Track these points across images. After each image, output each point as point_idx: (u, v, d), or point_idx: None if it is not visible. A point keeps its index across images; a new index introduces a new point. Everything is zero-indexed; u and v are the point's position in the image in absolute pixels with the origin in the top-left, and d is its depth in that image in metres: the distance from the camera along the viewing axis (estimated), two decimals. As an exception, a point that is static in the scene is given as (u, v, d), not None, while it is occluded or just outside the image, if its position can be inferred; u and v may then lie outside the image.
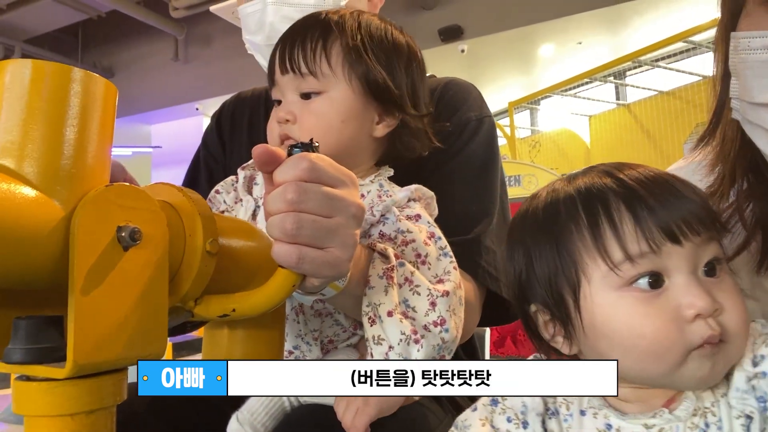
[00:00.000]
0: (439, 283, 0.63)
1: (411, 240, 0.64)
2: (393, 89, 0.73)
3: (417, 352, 0.59)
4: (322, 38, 0.72)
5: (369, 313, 0.60)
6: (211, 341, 0.54)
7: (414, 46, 0.78)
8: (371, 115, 0.73)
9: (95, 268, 0.38)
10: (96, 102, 0.40)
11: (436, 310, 0.60)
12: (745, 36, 0.54)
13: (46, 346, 0.38)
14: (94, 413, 0.39)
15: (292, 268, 0.48)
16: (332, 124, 0.70)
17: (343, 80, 0.71)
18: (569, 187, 0.54)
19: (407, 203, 0.69)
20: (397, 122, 0.74)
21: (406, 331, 0.59)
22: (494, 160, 0.87)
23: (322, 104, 0.71)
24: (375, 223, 0.66)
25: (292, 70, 0.72)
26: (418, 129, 0.76)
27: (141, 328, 0.40)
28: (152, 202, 0.42)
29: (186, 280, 0.45)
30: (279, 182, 0.48)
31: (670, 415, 0.48)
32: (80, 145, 0.39)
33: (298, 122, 0.71)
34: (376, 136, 0.74)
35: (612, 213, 0.49)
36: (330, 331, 0.71)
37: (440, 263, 0.64)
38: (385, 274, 0.61)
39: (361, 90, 0.72)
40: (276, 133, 0.72)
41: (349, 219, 0.50)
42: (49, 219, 0.37)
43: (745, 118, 0.57)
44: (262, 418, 0.68)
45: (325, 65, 0.71)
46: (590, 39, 5.59)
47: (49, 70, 0.39)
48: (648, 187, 0.49)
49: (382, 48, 0.74)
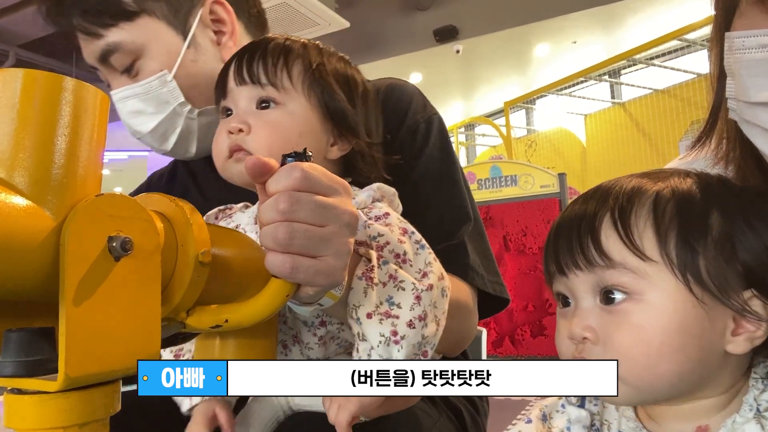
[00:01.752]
0: (424, 277, 0.62)
1: (385, 243, 0.63)
2: (349, 112, 0.72)
3: (398, 353, 0.59)
4: (284, 55, 0.71)
5: (351, 313, 0.60)
6: (203, 351, 0.53)
7: (366, 83, 0.79)
8: (327, 135, 0.72)
9: (86, 279, 0.37)
10: (88, 111, 0.40)
11: (421, 304, 0.60)
12: (739, 36, 0.54)
13: (37, 359, 0.38)
14: (87, 426, 0.38)
15: (286, 277, 0.48)
16: (289, 136, 0.69)
17: (303, 95, 0.70)
18: None
19: (372, 204, 0.67)
20: (350, 147, 0.74)
21: (385, 332, 0.58)
22: (452, 156, 0.87)
23: (280, 116, 0.69)
24: None
25: (251, 80, 0.70)
26: (372, 157, 0.76)
27: (133, 340, 0.40)
28: (144, 212, 0.42)
29: (178, 291, 0.45)
30: (272, 192, 0.48)
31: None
32: (72, 155, 0.39)
33: (252, 132, 0.68)
34: (330, 158, 0.73)
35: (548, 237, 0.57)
36: (332, 349, 0.70)
37: (419, 257, 0.63)
38: (364, 275, 0.60)
39: (318, 108, 0.71)
40: (225, 145, 0.69)
41: (342, 227, 0.50)
42: (40, 229, 0.36)
43: (742, 118, 0.57)
44: (257, 429, 0.68)
45: (286, 78, 0.70)
46: (585, 38, 5.60)
47: (41, 79, 0.38)
48: (564, 221, 0.55)
49: (340, 75, 0.74)
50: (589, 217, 0.52)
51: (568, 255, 0.52)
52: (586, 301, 0.52)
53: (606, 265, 0.50)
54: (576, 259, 0.52)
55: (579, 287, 0.52)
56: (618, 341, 0.49)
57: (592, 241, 0.51)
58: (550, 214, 3.76)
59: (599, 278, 0.51)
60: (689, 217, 0.50)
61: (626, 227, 0.51)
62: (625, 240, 0.50)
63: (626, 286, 0.49)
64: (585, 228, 0.52)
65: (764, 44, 0.52)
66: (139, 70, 0.86)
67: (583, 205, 0.54)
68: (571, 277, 0.52)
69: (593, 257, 0.51)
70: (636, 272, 0.49)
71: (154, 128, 0.89)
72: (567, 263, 0.52)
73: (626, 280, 0.49)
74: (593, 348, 0.50)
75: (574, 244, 0.52)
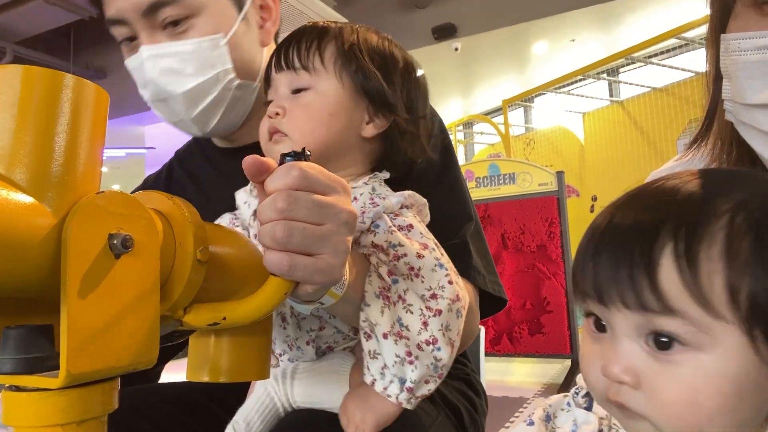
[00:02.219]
0: (433, 298, 0.62)
1: (403, 254, 0.63)
2: (385, 89, 0.73)
3: (411, 373, 0.60)
4: (317, 38, 0.73)
5: (365, 329, 0.61)
6: (197, 349, 0.53)
7: (413, 62, 0.79)
8: (361, 113, 0.73)
9: (87, 276, 0.37)
10: (88, 108, 0.40)
11: (428, 330, 0.61)
12: (735, 38, 0.54)
13: (37, 356, 0.38)
14: (86, 423, 0.38)
15: (284, 275, 0.48)
16: (320, 117, 0.70)
17: (334, 75, 0.72)
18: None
19: (399, 210, 0.68)
20: (387, 124, 0.74)
21: (400, 353, 0.60)
22: (453, 158, 0.88)
23: (312, 97, 0.71)
24: (365, 231, 0.66)
25: (287, 66, 0.72)
26: (411, 133, 0.76)
27: (133, 337, 0.40)
28: (144, 210, 0.42)
29: (176, 289, 0.45)
30: (270, 191, 0.48)
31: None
32: (72, 152, 0.39)
33: (287, 115, 0.71)
34: (364, 135, 0.74)
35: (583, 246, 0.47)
36: (330, 338, 0.70)
37: (435, 275, 0.63)
38: (381, 294, 0.61)
39: (351, 86, 0.72)
40: (265, 129, 0.72)
41: (340, 226, 0.50)
42: (40, 226, 0.36)
43: (738, 120, 0.57)
44: (257, 427, 0.68)
45: (318, 61, 0.72)
46: (583, 36, 5.60)
47: (41, 75, 0.38)
48: (609, 235, 0.45)
49: (376, 52, 0.75)
50: (646, 245, 0.42)
51: (613, 288, 0.43)
52: (628, 339, 0.43)
53: (662, 311, 0.41)
54: (624, 297, 0.42)
55: (621, 323, 0.44)
56: (666, 396, 0.41)
57: (649, 282, 0.41)
58: (548, 213, 3.76)
59: (649, 321, 0.42)
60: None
61: (694, 270, 0.41)
62: (692, 288, 0.40)
63: (682, 337, 0.41)
64: (639, 260, 0.42)
65: (760, 46, 0.52)
66: (189, 29, 0.84)
67: (636, 215, 0.44)
68: (612, 311, 0.43)
69: (647, 301, 0.41)
70: (697, 326, 0.40)
71: (189, 90, 0.85)
72: (611, 297, 0.43)
73: (683, 332, 0.41)
74: (633, 393, 0.43)
75: (622, 278, 0.42)
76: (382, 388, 0.61)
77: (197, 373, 0.53)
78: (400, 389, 0.61)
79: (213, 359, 0.53)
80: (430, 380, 0.62)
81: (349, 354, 0.71)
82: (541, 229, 3.76)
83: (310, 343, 0.69)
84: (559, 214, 3.72)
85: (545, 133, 6.33)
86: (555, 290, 3.69)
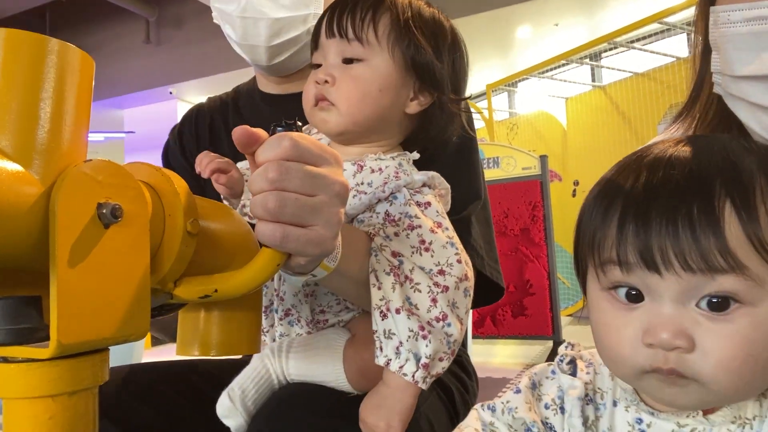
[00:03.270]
0: (440, 274, 0.63)
1: (417, 225, 0.64)
2: (435, 66, 0.73)
3: (426, 347, 0.61)
4: (372, 8, 0.72)
5: (381, 307, 0.62)
6: (186, 324, 0.53)
7: (459, 36, 0.79)
8: (407, 90, 0.73)
9: (76, 246, 0.37)
10: (73, 74, 0.39)
11: (438, 306, 0.62)
12: (724, 9, 0.55)
13: (26, 327, 0.37)
14: (76, 394, 0.38)
15: (276, 246, 0.47)
16: (369, 91, 0.70)
17: (387, 50, 0.71)
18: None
19: (420, 187, 0.69)
20: (431, 101, 0.75)
21: (413, 327, 0.61)
22: (473, 137, 0.88)
23: (363, 70, 0.71)
24: (383, 200, 0.67)
25: (339, 34, 0.72)
26: (452, 113, 0.76)
27: (124, 308, 0.40)
28: (132, 180, 0.41)
29: (166, 261, 0.44)
30: (261, 162, 0.48)
31: (703, 418, 0.46)
32: (58, 118, 0.38)
33: (336, 85, 0.70)
34: (408, 112, 0.74)
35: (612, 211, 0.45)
36: (324, 299, 0.70)
37: (444, 252, 0.64)
38: (392, 271, 0.62)
39: (402, 63, 0.72)
40: (312, 94, 0.72)
41: (332, 197, 0.50)
42: (28, 194, 0.36)
43: (726, 92, 0.57)
44: (252, 395, 0.68)
45: (372, 34, 0.71)
46: (567, 20, 5.60)
47: (25, 39, 0.37)
48: (651, 198, 0.43)
49: (429, 27, 0.74)
50: (704, 202, 0.41)
51: (671, 251, 0.41)
52: (675, 303, 0.42)
53: (727, 269, 0.40)
54: (687, 259, 0.41)
55: (671, 288, 0.42)
56: (724, 353, 0.41)
57: (716, 240, 0.40)
58: (531, 196, 3.79)
59: (706, 283, 0.41)
60: None
61: (755, 223, 0.40)
62: (755, 241, 0.40)
63: (740, 295, 0.41)
64: (703, 218, 0.40)
65: (749, 18, 0.53)
66: None
67: (679, 174, 0.43)
68: (666, 277, 0.42)
69: (714, 260, 0.40)
70: (756, 280, 0.40)
71: (280, 18, 0.87)
72: (667, 260, 0.41)
73: (742, 288, 0.41)
74: (686, 357, 0.42)
75: (683, 239, 0.41)
76: (398, 367, 0.61)
77: (187, 348, 0.53)
78: (416, 366, 0.61)
79: (203, 334, 0.52)
80: (444, 357, 0.62)
81: (343, 329, 0.71)
82: (525, 213, 3.79)
83: (307, 297, 0.69)
84: (542, 197, 3.75)
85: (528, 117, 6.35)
86: (538, 273, 3.73)
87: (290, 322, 0.72)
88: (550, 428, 0.52)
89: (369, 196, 0.67)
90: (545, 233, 3.72)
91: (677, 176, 0.43)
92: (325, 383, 0.67)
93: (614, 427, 0.50)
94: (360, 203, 0.67)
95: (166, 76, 6.55)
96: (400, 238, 0.64)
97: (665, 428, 0.47)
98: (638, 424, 0.49)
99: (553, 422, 0.52)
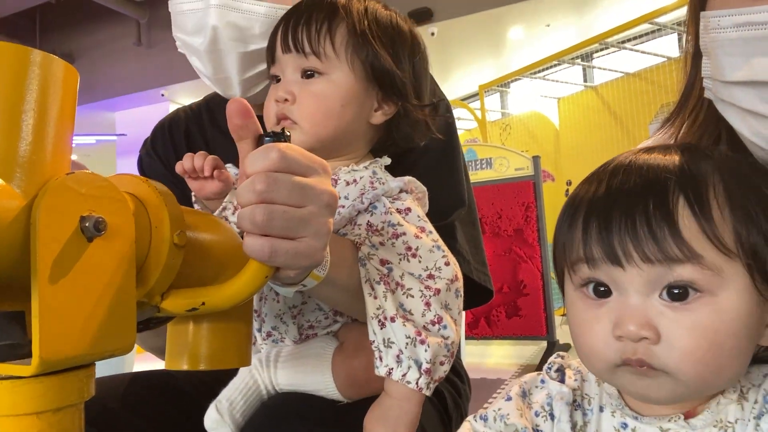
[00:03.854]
0: (430, 278, 0.63)
1: (402, 233, 0.64)
2: (397, 75, 0.71)
3: (425, 353, 0.60)
4: (327, 20, 0.70)
5: (379, 316, 0.61)
6: (175, 337, 0.52)
7: (418, 37, 0.77)
8: (371, 101, 0.72)
9: (59, 260, 0.36)
10: (56, 86, 0.38)
11: (432, 310, 0.61)
12: (714, 15, 0.55)
13: (8, 343, 0.36)
14: (61, 411, 0.37)
15: (265, 261, 0.47)
16: (332, 107, 0.69)
17: (346, 63, 0.70)
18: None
19: (398, 194, 0.68)
20: (395, 110, 0.73)
21: (410, 333, 0.60)
22: (455, 142, 0.87)
23: (324, 86, 0.69)
24: (362, 211, 0.66)
25: (295, 49, 0.70)
26: (417, 119, 0.74)
27: (109, 322, 0.39)
28: (116, 191, 0.41)
29: (153, 274, 0.44)
30: (249, 174, 0.47)
31: (684, 422, 0.47)
32: (40, 130, 0.37)
33: (297, 103, 0.69)
34: (373, 122, 0.73)
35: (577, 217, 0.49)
36: (312, 315, 0.70)
37: (432, 256, 0.64)
38: (382, 280, 0.62)
39: (363, 74, 0.70)
40: (273, 113, 0.70)
41: (321, 207, 0.49)
42: (9, 207, 0.35)
43: (717, 97, 0.57)
44: (240, 407, 0.68)
45: (329, 47, 0.69)
46: (558, 21, 5.62)
47: (8, 51, 0.37)
48: (611, 201, 0.46)
49: (387, 34, 0.72)
50: (660, 198, 0.44)
51: (631, 245, 0.44)
52: (640, 296, 0.45)
53: (683, 259, 0.43)
54: (645, 251, 0.43)
55: (635, 281, 0.45)
56: (688, 343, 0.43)
57: (670, 231, 0.43)
58: (524, 197, 3.79)
59: (666, 273, 0.44)
60: (763, 204, 0.45)
61: (708, 215, 0.44)
62: (708, 231, 0.43)
63: (698, 283, 0.43)
64: (658, 213, 0.44)
65: (739, 23, 0.53)
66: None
67: (637, 177, 0.46)
68: (627, 269, 0.45)
69: (669, 250, 0.43)
70: (712, 269, 0.43)
71: (250, 51, 0.82)
72: (628, 254, 0.44)
73: (700, 277, 0.43)
74: (653, 348, 0.44)
75: (641, 233, 0.44)
76: (400, 375, 0.60)
77: (176, 361, 0.52)
78: (418, 373, 0.60)
79: (192, 347, 0.51)
80: (444, 361, 0.62)
81: (331, 338, 0.70)
82: (518, 214, 3.80)
83: (294, 318, 0.69)
84: (535, 198, 3.76)
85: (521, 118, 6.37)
86: (531, 273, 3.73)
87: (274, 340, 0.71)
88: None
89: (348, 209, 0.66)
90: (538, 234, 3.73)
91: (635, 179, 0.46)
92: (315, 392, 0.66)
93: (601, 431, 0.51)
94: (340, 217, 0.66)
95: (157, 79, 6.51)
96: (386, 246, 0.64)
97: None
98: (623, 429, 0.50)
99: (543, 429, 0.53)
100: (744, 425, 0.46)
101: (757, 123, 0.54)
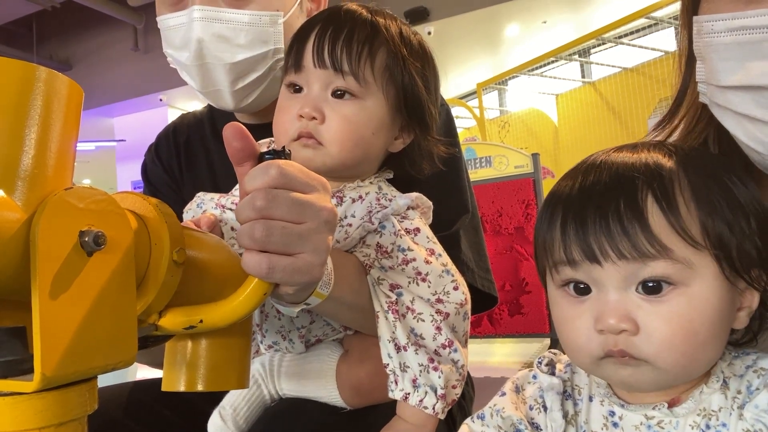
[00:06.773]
0: (439, 302, 0.63)
1: (412, 259, 0.63)
2: (428, 107, 0.70)
3: (438, 379, 0.61)
4: (369, 41, 0.66)
5: (395, 340, 0.61)
6: (173, 352, 0.51)
7: (434, 59, 0.74)
8: (395, 129, 0.70)
9: (59, 275, 0.36)
10: (60, 102, 0.39)
11: (443, 334, 0.62)
12: (708, 20, 0.55)
13: (10, 359, 0.36)
14: (64, 425, 0.37)
15: (263, 278, 0.47)
16: (364, 135, 0.66)
17: (381, 89, 0.67)
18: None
19: (406, 211, 0.67)
20: (411, 139, 0.71)
21: (423, 361, 0.61)
22: (457, 149, 0.86)
23: (356, 111, 0.65)
24: (371, 232, 0.64)
25: (332, 66, 0.65)
26: (429, 151, 0.73)
27: (110, 336, 0.39)
28: (116, 205, 0.41)
29: (151, 291, 0.43)
30: (248, 190, 0.47)
31: (667, 410, 0.49)
32: (43, 146, 0.37)
33: (326, 123, 0.64)
34: (392, 150, 0.71)
35: (555, 216, 0.51)
36: (319, 331, 0.69)
37: (441, 281, 0.63)
38: (390, 308, 0.61)
39: (395, 102, 0.68)
40: (295, 127, 0.65)
41: (320, 224, 0.49)
42: (10, 220, 0.35)
43: (713, 102, 0.57)
44: (244, 413, 0.68)
45: (368, 70, 0.65)
46: (554, 18, 5.62)
47: (13, 67, 0.37)
48: (585, 200, 0.49)
49: (419, 58, 0.70)
50: (629, 197, 0.47)
51: (606, 243, 0.46)
52: (618, 291, 0.47)
53: (655, 254, 0.45)
54: (619, 248, 0.46)
55: (612, 277, 0.47)
56: (664, 332, 0.46)
57: (641, 229, 0.46)
58: (524, 195, 3.79)
59: (640, 268, 0.46)
60: (725, 195, 0.48)
61: (676, 211, 0.46)
62: (677, 226, 0.46)
63: (671, 277, 0.46)
64: (628, 211, 0.46)
65: (732, 28, 0.52)
66: (251, 1, 0.81)
67: (606, 176, 0.49)
68: (604, 267, 0.47)
69: (642, 246, 0.45)
70: (683, 262, 0.46)
71: (238, 62, 0.81)
72: (604, 251, 0.46)
73: (672, 271, 0.46)
74: (632, 339, 0.47)
75: (614, 231, 0.46)
76: (417, 401, 0.60)
77: (173, 382, 0.51)
78: (435, 398, 0.60)
79: (189, 368, 0.51)
80: (457, 384, 0.62)
81: (336, 345, 0.70)
82: (518, 211, 3.79)
83: (301, 337, 0.68)
84: (535, 195, 3.75)
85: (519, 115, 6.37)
86: (533, 271, 3.72)
87: (277, 350, 0.71)
88: (536, 428, 0.55)
89: (358, 230, 0.64)
90: (539, 231, 3.72)
91: (605, 178, 0.49)
92: (319, 399, 0.66)
93: (590, 420, 0.53)
94: (351, 238, 0.64)
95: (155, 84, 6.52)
96: (395, 270, 0.63)
97: (635, 420, 0.50)
98: (611, 417, 0.52)
99: (538, 421, 0.55)
100: (727, 413, 0.48)
101: (753, 127, 0.54)
